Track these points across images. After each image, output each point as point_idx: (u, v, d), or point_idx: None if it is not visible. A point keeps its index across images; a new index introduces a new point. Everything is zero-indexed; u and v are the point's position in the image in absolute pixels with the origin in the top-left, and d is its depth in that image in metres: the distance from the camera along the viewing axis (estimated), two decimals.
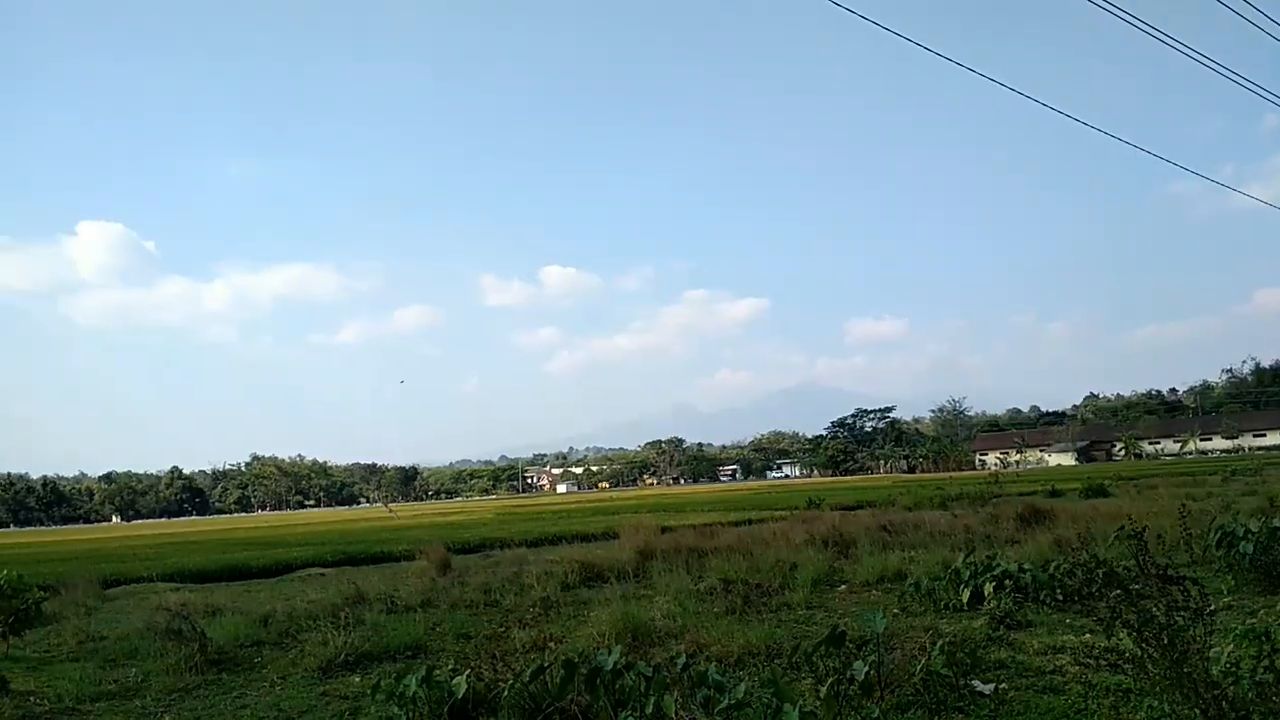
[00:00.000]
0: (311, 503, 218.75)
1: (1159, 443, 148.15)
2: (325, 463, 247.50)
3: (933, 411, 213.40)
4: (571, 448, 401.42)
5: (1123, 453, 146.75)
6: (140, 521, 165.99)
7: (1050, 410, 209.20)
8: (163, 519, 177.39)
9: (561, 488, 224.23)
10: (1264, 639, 7.39)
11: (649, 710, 5.90)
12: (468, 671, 7.47)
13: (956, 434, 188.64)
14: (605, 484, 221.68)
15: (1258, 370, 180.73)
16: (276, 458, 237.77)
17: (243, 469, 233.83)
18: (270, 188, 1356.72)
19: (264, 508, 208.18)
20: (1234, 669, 6.87)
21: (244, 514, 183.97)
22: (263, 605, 15.39)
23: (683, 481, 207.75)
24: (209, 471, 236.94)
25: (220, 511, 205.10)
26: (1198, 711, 5.32)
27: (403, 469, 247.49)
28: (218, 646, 11.54)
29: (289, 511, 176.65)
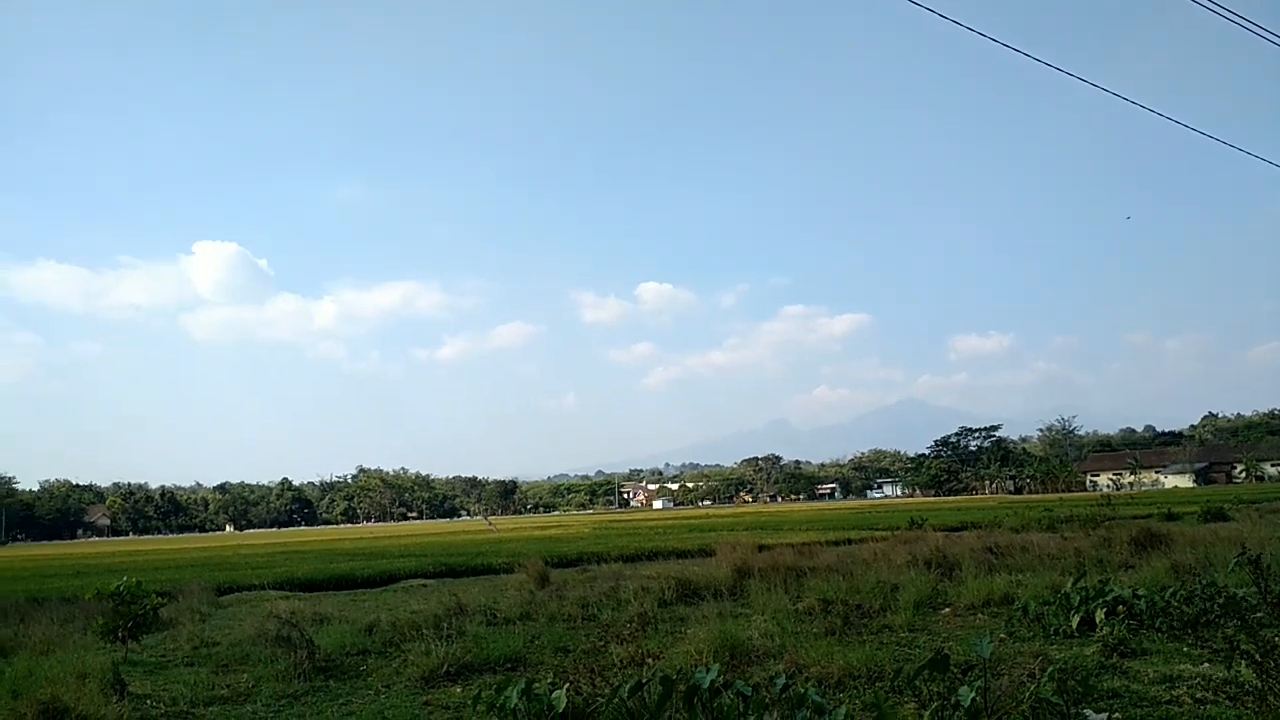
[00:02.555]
0: (414, 514, 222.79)
1: None
2: (427, 475, 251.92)
3: (1041, 430, 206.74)
4: (667, 464, 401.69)
5: (1243, 475, 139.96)
6: (252, 531, 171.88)
7: (1166, 430, 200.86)
8: (273, 529, 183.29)
9: (658, 504, 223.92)
10: None
11: None
12: (566, 685, 7.51)
13: (1066, 454, 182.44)
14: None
15: None
16: (381, 470, 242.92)
17: (349, 481, 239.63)
18: (378, 208, 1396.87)
19: (369, 519, 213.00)
20: None
21: (350, 525, 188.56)
22: (368, 614, 15.76)
23: (780, 499, 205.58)
24: (317, 483, 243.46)
25: (327, 522, 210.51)
26: None
27: (502, 482, 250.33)
28: (325, 654, 11.87)
29: (392, 523, 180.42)
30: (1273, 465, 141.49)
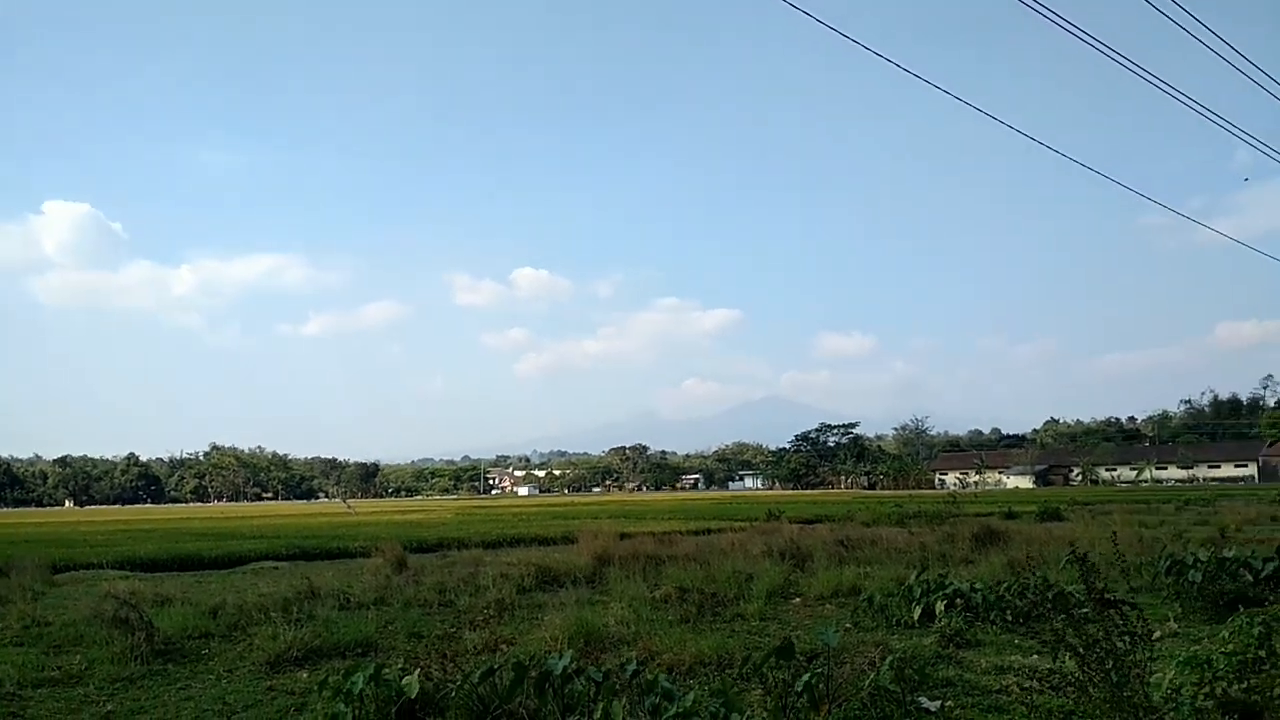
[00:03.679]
0: (269, 495, 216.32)
1: (1115, 470, 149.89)
2: (285, 455, 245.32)
3: (895, 429, 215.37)
4: (535, 450, 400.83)
5: (1080, 478, 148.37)
6: (94, 507, 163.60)
7: (1011, 433, 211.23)
8: (117, 505, 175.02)
9: (523, 490, 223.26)
10: (1206, 666, 7.52)
11: (597, 716, 5.90)
12: (417, 671, 7.42)
13: (918, 453, 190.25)
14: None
15: (1215, 403, 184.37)
16: (236, 448, 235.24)
17: (201, 458, 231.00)
18: (244, 175, 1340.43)
19: (220, 498, 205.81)
20: (1175, 695, 6.98)
21: (200, 504, 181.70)
22: (213, 597, 15.22)
23: (644, 489, 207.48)
24: (166, 459, 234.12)
25: (176, 500, 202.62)
26: None
27: (363, 465, 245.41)
28: (165, 637, 11.41)
29: (246, 503, 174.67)
30: (1107, 470, 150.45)
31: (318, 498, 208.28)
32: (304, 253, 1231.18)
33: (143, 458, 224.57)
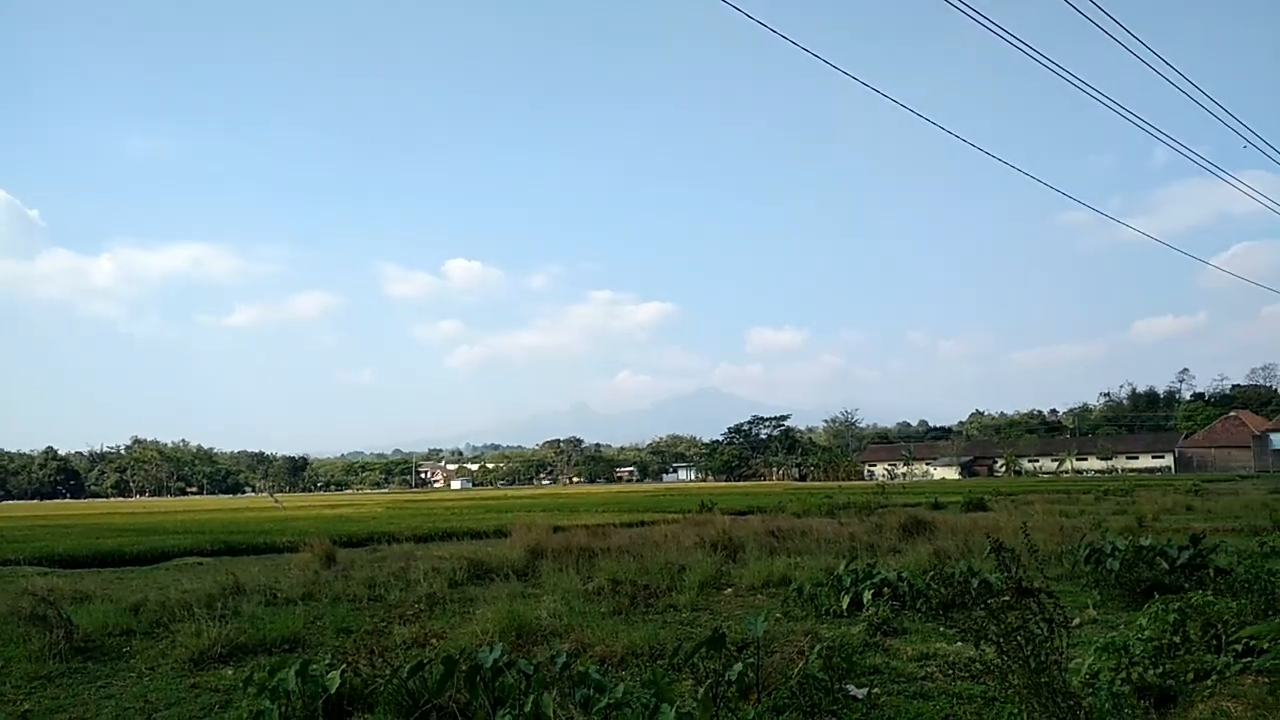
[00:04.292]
0: (194, 490, 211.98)
1: (1038, 461, 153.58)
2: (210, 449, 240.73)
3: (826, 422, 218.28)
4: (468, 444, 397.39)
5: (1003, 469, 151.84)
6: (10, 502, 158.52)
7: (938, 425, 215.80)
8: (35, 500, 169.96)
9: (456, 484, 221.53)
10: (1123, 651, 7.76)
11: (527, 709, 5.87)
12: (344, 666, 7.33)
13: (847, 444, 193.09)
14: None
15: (1133, 395, 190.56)
16: (159, 442, 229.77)
17: (122, 452, 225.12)
18: (169, 162, 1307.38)
19: (143, 493, 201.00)
20: (1093, 680, 7.20)
21: (121, 499, 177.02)
22: (135, 593, 14.83)
23: (579, 481, 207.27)
24: (86, 453, 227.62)
25: (96, 495, 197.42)
26: None
27: (291, 459, 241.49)
28: (84, 634, 11.09)
29: (169, 498, 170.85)
30: (1029, 461, 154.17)
31: (244, 492, 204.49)
32: (230, 242, 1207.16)
33: (61, 451, 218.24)
